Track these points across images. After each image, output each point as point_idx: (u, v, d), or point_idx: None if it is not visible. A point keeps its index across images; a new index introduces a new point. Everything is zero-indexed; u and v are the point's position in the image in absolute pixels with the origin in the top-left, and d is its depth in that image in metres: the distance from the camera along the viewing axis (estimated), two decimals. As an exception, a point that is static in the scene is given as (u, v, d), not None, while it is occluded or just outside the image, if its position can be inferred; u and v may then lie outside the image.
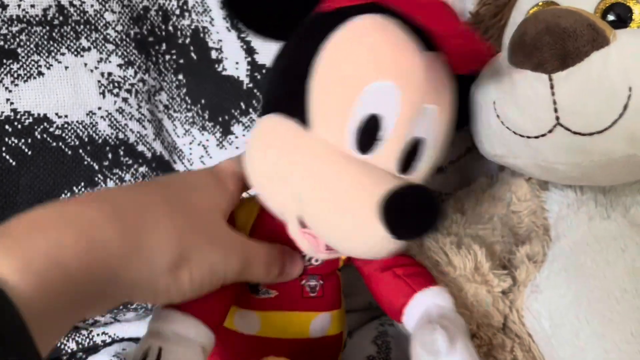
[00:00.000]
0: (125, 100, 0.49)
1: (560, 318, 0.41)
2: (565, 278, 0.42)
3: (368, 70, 0.32)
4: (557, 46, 0.33)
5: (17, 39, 0.44)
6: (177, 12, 0.50)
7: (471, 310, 0.43)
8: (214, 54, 0.51)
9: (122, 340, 0.52)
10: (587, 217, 0.43)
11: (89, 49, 0.47)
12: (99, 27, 0.47)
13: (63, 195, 0.47)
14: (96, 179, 0.48)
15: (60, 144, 0.46)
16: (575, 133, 0.35)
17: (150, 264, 0.29)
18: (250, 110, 0.52)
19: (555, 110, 0.35)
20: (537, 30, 0.34)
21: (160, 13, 0.50)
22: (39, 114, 0.45)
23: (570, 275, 0.42)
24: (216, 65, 0.51)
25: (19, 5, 0.44)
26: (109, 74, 0.48)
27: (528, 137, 0.37)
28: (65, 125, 0.46)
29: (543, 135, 0.36)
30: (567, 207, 0.45)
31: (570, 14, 0.34)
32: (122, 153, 0.49)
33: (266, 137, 0.34)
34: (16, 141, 0.45)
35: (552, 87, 0.34)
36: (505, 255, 0.48)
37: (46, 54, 0.45)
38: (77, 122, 0.47)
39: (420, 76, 0.33)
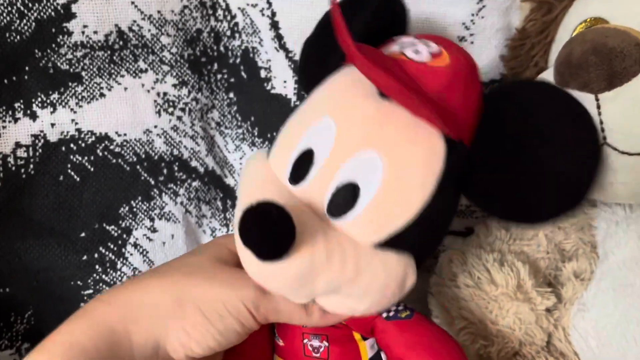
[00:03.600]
0: (179, 118, 0.51)
1: (607, 337, 0.41)
2: (613, 297, 0.42)
3: (319, 108, 0.34)
4: (603, 66, 0.33)
5: (82, 63, 0.47)
6: (228, 33, 0.52)
7: (513, 328, 0.43)
8: (263, 73, 0.53)
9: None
10: (637, 236, 0.42)
11: (146, 70, 0.49)
12: (156, 50, 0.49)
13: (121, 209, 0.50)
14: (152, 193, 0.51)
15: (120, 160, 0.49)
16: (622, 153, 0.35)
17: (149, 320, 0.32)
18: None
19: (602, 130, 0.35)
20: (583, 50, 0.34)
21: (212, 35, 0.52)
22: (100, 133, 0.48)
23: (618, 294, 0.41)
24: (265, 84, 0.53)
25: (83, 32, 0.46)
26: (165, 93, 0.50)
27: (574, 155, 0.37)
28: (124, 143, 0.49)
29: (589, 154, 0.37)
30: (615, 225, 0.45)
31: (618, 34, 0.34)
32: (176, 168, 0.52)
33: (244, 169, 0.36)
34: (80, 158, 0.48)
35: (598, 107, 0.34)
36: (551, 272, 0.48)
37: (107, 77, 0.48)
38: (135, 139, 0.50)
39: (362, 118, 0.31)
